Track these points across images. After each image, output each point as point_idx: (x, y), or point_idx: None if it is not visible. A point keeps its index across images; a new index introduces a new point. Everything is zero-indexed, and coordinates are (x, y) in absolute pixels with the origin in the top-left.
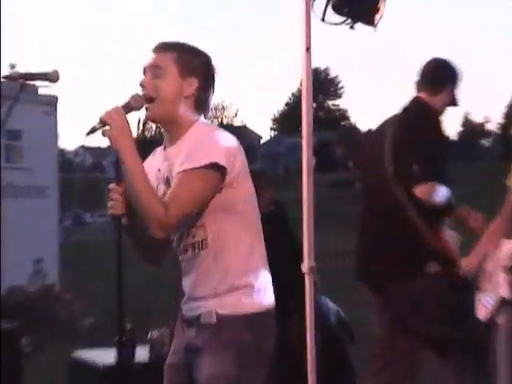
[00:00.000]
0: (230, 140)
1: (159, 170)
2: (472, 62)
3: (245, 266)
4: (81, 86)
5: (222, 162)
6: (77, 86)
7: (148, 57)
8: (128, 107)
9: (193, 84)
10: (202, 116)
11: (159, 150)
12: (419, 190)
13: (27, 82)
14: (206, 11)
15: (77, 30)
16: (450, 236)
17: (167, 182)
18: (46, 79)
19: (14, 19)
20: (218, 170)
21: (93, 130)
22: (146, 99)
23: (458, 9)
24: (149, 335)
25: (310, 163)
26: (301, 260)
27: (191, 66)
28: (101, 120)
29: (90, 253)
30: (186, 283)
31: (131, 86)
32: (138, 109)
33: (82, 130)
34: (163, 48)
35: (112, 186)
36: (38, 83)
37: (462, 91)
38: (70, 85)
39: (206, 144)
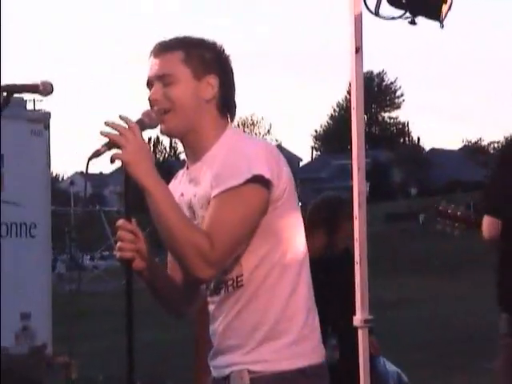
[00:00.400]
0: (270, 148)
1: (182, 194)
2: None
3: (287, 308)
4: (76, 99)
5: (267, 175)
6: (71, 99)
7: (150, 64)
8: (140, 125)
9: (211, 83)
10: (229, 121)
11: (181, 172)
12: None
13: (13, 95)
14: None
15: (75, 33)
16: None
17: (191, 208)
18: (37, 92)
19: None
20: (264, 184)
21: (97, 154)
22: (161, 113)
23: None
24: None
25: (363, 192)
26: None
27: (204, 62)
28: (109, 142)
29: (88, 304)
30: (215, 331)
31: (137, 100)
32: (153, 127)
33: (80, 152)
34: (165, 49)
35: (120, 222)
36: (26, 96)
37: None
38: (64, 98)
39: (243, 155)
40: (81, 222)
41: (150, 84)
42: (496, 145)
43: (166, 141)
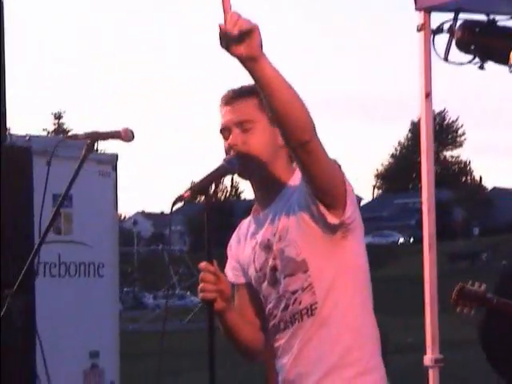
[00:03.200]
0: None
1: (254, 237)
2: None
3: (358, 336)
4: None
5: None
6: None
7: (224, 111)
8: (224, 172)
9: None
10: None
11: (247, 221)
12: None
13: (97, 142)
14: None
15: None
16: None
17: (268, 247)
18: (119, 138)
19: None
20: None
21: (181, 199)
22: (239, 158)
23: None
24: None
25: (433, 234)
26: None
27: None
28: (192, 187)
29: (152, 345)
30: (284, 365)
31: (188, 147)
32: (233, 173)
33: (142, 192)
34: (240, 96)
35: (203, 264)
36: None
37: None
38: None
39: None
40: (144, 262)
41: (225, 130)
42: None
43: (227, 180)
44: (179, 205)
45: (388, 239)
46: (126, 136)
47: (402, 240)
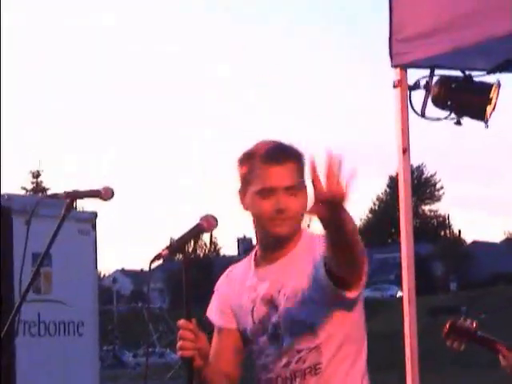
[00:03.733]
0: None
1: (254, 289)
2: None
3: None
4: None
5: None
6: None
7: (270, 171)
8: (199, 230)
9: None
10: None
11: (240, 268)
12: None
13: (76, 200)
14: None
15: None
16: None
17: (270, 302)
18: (98, 197)
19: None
20: None
21: (159, 257)
22: (282, 219)
23: None
24: None
25: (412, 289)
26: None
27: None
28: (170, 245)
29: None
30: None
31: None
32: (210, 231)
33: (120, 250)
34: (285, 159)
35: (182, 322)
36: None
37: None
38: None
39: None
40: (123, 320)
41: (270, 191)
42: None
43: (205, 236)
44: (158, 262)
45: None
46: (106, 194)
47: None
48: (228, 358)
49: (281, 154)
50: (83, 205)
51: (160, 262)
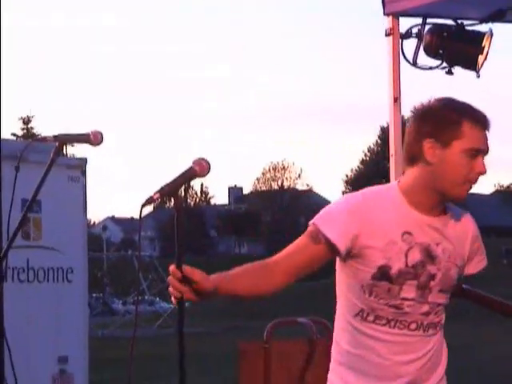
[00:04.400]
0: None
1: (409, 231)
2: None
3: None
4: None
5: None
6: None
7: (479, 134)
8: (191, 174)
9: None
10: None
11: (387, 205)
12: None
13: (65, 145)
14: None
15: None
16: None
17: (427, 251)
18: (88, 142)
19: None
20: None
21: (150, 201)
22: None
23: None
24: None
25: None
26: None
27: None
28: (162, 189)
29: (123, 350)
30: (405, 363)
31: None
32: (203, 176)
33: (111, 198)
34: (489, 126)
35: (171, 268)
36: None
37: None
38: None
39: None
40: (113, 267)
41: (477, 151)
42: None
43: (196, 186)
44: (149, 209)
45: None
46: (96, 139)
47: None
48: (296, 265)
49: (487, 120)
50: (73, 152)
51: (151, 210)
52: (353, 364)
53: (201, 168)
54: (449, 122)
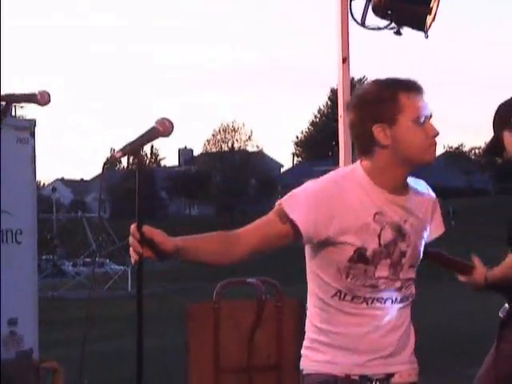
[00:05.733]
0: None
1: (382, 213)
2: None
3: None
4: (55, 104)
5: None
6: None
7: (421, 101)
8: (155, 134)
9: None
10: None
11: (352, 187)
12: None
13: (12, 104)
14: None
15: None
16: None
17: (398, 230)
18: (35, 102)
19: None
20: None
21: (113, 159)
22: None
23: None
24: None
25: None
26: None
27: None
28: (125, 147)
29: (73, 311)
30: (380, 337)
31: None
32: (166, 135)
33: (61, 159)
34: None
35: (131, 228)
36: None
37: None
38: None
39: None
40: (63, 229)
41: (425, 118)
42: (477, 151)
43: (146, 148)
44: (98, 172)
45: None
46: (43, 99)
47: None
48: (260, 240)
49: (419, 85)
50: (22, 113)
51: (100, 171)
52: (332, 341)
53: (164, 128)
54: (386, 100)
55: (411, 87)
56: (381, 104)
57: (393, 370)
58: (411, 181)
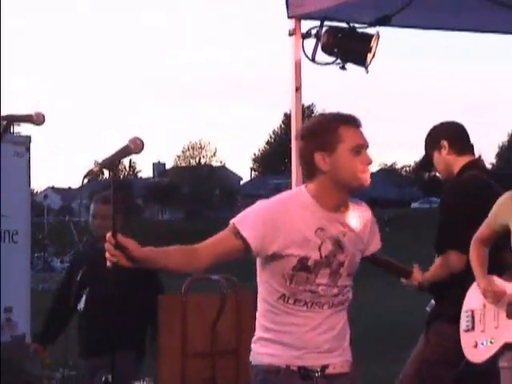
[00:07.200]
0: None
1: (321, 227)
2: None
3: None
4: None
5: None
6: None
7: (358, 132)
8: (127, 151)
9: None
10: None
11: (298, 207)
12: None
13: (11, 124)
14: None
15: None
16: None
17: (337, 243)
18: (31, 122)
19: None
20: None
21: (91, 173)
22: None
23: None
24: None
25: None
26: None
27: None
28: (101, 162)
29: None
30: (317, 336)
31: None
32: (137, 153)
33: (52, 170)
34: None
35: (108, 235)
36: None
37: None
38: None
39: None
40: (53, 230)
41: (362, 147)
42: (407, 168)
43: (125, 160)
44: (86, 181)
45: None
46: (38, 119)
47: None
48: (216, 255)
49: (357, 119)
50: (18, 130)
51: (87, 181)
52: (276, 338)
53: (135, 146)
54: (328, 131)
55: (351, 121)
56: (323, 135)
57: (327, 362)
58: (353, 201)
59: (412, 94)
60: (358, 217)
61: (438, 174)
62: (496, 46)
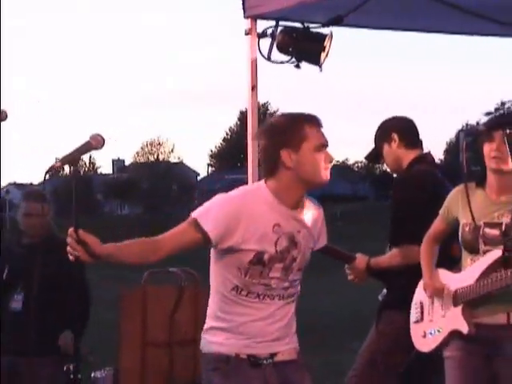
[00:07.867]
0: None
1: (278, 224)
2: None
3: None
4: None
5: None
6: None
7: (320, 132)
8: (88, 147)
9: None
10: None
11: (259, 203)
12: None
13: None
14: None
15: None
16: None
17: (291, 239)
18: (92, 150)
19: None
20: None
21: (53, 169)
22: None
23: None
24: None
25: None
26: None
27: None
28: (63, 158)
29: None
30: (268, 325)
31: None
32: (98, 149)
33: (13, 166)
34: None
35: (70, 230)
36: None
37: None
38: None
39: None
40: (15, 225)
41: (324, 146)
42: (359, 164)
43: (85, 157)
44: (47, 177)
45: None
46: (98, 143)
47: None
48: (175, 246)
49: (319, 119)
50: None
51: (48, 177)
52: (227, 327)
53: (96, 142)
54: (294, 130)
55: (314, 121)
56: (289, 133)
57: (276, 350)
58: (308, 199)
59: (363, 92)
60: (311, 215)
61: (386, 168)
62: (448, 46)
